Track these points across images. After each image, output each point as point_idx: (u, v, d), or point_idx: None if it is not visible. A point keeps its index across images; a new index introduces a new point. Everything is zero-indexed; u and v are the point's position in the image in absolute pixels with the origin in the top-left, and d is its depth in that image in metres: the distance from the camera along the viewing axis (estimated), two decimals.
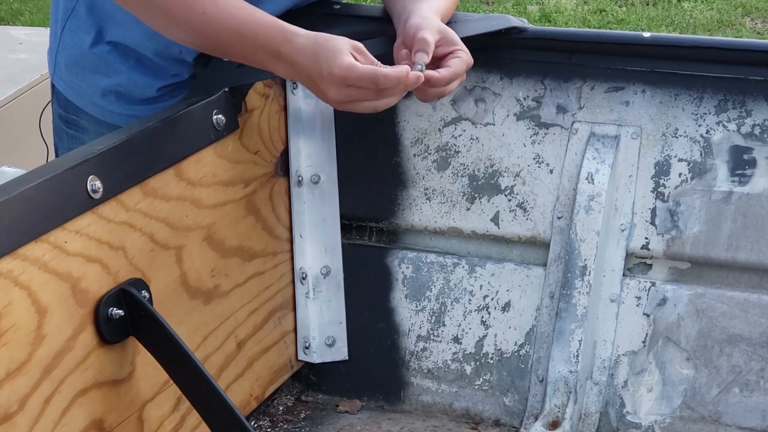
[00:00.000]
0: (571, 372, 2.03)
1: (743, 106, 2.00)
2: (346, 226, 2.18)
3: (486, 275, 2.13)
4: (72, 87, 2.08)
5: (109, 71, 2.04)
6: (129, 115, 2.04)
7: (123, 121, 2.03)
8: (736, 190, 2.01)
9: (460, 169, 2.13)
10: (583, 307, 2.03)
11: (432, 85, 1.84)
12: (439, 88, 1.85)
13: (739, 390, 2.01)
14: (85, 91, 2.07)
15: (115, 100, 2.05)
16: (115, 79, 2.04)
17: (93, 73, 2.05)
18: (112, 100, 2.05)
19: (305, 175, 2.09)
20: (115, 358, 1.66)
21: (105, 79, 2.04)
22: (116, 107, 2.06)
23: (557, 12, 6.77)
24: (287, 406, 2.18)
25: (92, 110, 2.08)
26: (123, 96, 2.05)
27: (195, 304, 1.86)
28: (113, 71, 2.03)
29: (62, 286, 1.56)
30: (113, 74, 2.04)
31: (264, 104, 2.02)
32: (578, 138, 2.07)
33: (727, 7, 6.78)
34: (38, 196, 1.52)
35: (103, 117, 2.07)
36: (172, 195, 1.79)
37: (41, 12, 6.79)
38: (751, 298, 2.01)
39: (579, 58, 2.07)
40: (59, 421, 1.56)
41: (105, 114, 2.07)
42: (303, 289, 2.12)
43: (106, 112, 2.06)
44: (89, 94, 2.07)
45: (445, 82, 1.84)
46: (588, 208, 2.04)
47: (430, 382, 2.17)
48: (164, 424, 1.78)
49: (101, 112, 2.07)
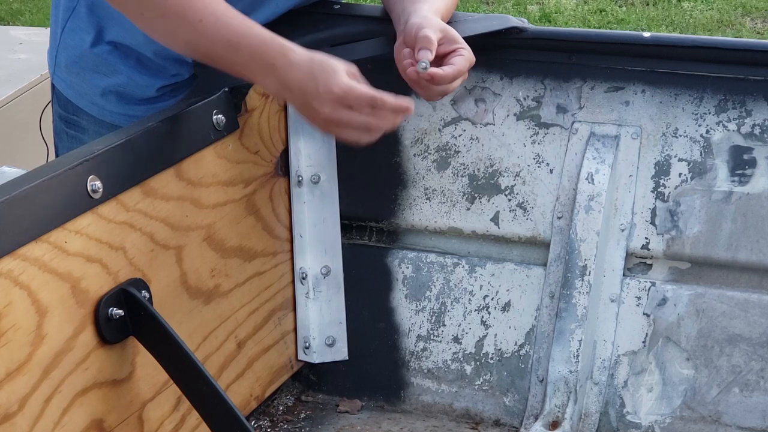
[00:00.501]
0: (571, 372, 2.03)
1: (743, 106, 2.00)
2: (346, 226, 2.18)
3: (486, 275, 2.13)
4: (72, 87, 2.08)
5: (109, 71, 2.04)
6: (129, 115, 2.04)
7: (123, 121, 2.03)
8: (736, 190, 2.01)
9: (460, 169, 2.13)
10: (583, 307, 2.03)
11: (436, 83, 1.84)
12: (443, 86, 1.86)
13: (739, 390, 2.01)
14: (85, 91, 2.07)
15: (115, 100, 2.05)
16: (116, 79, 2.03)
17: (93, 73, 2.05)
18: (112, 100, 2.05)
19: (305, 175, 2.09)
20: (115, 358, 1.66)
21: (105, 79, 2.04)
22: (116, 107, 2.06)
23: (557, 12, 6.77)
24: (287, 406, 2.18)
25: (92, 110, 2.08)
26: (123, 96, 2.04)
27: (195, 304, 1.86)
28: (113, 71, 2.03)
29: (62, 286, 1.56)
30: (113, 74, 2.03)
31: (264, 104, 2.02)
32: (578, 138, 2.07)
33: (727, 7, 6.78)
34: (38, 196, 1.52)
35: (103, 117, 2.07)
36: (172, 195, 1.79)
37: (41, 12, 6.79)
38: (751, 298, 2.01)
39: (579, 58, 2.07)
40: (59, 421, 1.56)
41: (105, 114, 2.07)
42: (303, 289, 2.12)
43: (106, 111, 2.06)
44: (89, 94, 2.07)
45: (450, 79, 1.85)
46: (588, 208, 2.04)
47: (430, 382, 2.17)
48: (164, 424, 1.78)
49: (101, 111, 2.07)
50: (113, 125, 2.04)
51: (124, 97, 2.04)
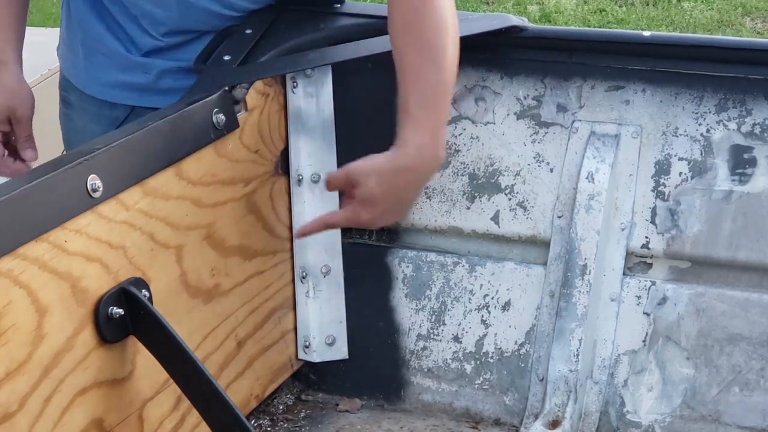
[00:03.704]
0: (571, 371, 2.03)
1: (743, 105, 2.00)
2: None
3: (486, 274, 2.13)
4: (64, 58, 2.13)
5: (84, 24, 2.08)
6: (111, 85, 2.05)
7: (103, 93, 2.05)
8: (737, 189, 2.01)
9: (460, 168, 2.13)
10: (584, 306, 2.03)
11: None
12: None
13: (739, 389, 2.01)
14: (74, 62, 2.11)
15: (97, 66, 2.07)
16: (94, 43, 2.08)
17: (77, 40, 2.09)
18: (94, 64, 2.08)
19: (305, 174, 2.09)
20: (115, 357, 1.66)
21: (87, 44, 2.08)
22: (100, 73, 2.07)
23: (557, 12, 6.77)
24: (287, 405, 2.18)
25: (77, 81, 2.10)
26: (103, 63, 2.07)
27: (195, 303, 1.86)
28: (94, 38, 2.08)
29: (62, 286, 1.56)
30: (95, 41, 2.08)
31: (264, 103, 2.02)
32: (578, 137, 2.07)
33: (727, 7, 6.78)
34: (38, 195, 1.51)
35: (86, 89, 2.09)
36: (172, 194, 1.78)
37: (41, 12, 6.79)
38: (751, 297, 2.01)
39: (579, 57, 2.07)
40: (59, 421, 1.56)
41: (88, 85, 2.09)
42: (303, 288, 2.12)
43: (91, 81, 2.08)
44: (76, 66, 2.10)
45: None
46: (588, 207, 2.04)
47: (430, 381, 2.16)
48: (164, 424, 1.78)
49: (86, 82, 2.09)
50: (95, 99, 2.05)
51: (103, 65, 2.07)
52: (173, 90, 2.00)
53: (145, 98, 2.05)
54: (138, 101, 2.06)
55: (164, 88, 2.04)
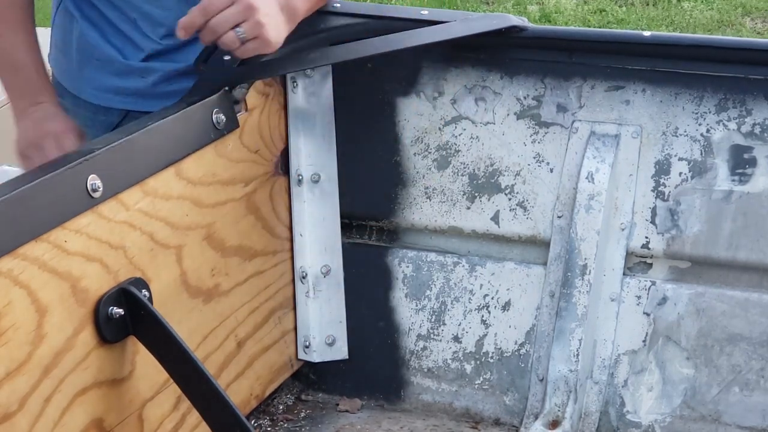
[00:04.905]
0: (571, 371, 2.03)
1: (743, 105, 2.00)
2: (346, 225, 2.18)
3: (486, 274, 2.13)
4: (57, 63, 2.13)
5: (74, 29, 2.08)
6: (107, 89, 2.06)
7: (96, 98, 2.06)
8: (737, 189, 2.01)
9: (460, 168, 2.13)
10: (584, 306, 2.03)
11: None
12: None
13: (739, 389, 2.01)
14: (66, 67, 2.11)
15: (90, 71, 2.08)
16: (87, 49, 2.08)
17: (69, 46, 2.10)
18: (87, 69, 2.08)
19: (305, 174, 2.09)
20: (115, 357, 1.66)
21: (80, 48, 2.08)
22: (93, 75, 2.08)
23: (557, 12, 6.77)
24: (287, 405, 2.18)
25: (71, 86, 2.10)
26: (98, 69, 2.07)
27: (195, 303, 1.86)
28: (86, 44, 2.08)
29: (62, 286, 1.56)
30: (87, 47, 2.08)
31: (264, 103, 2.02)
32: (578, 137, 2.07)
33: (727, 7, 6.78)
34: (38, 195, 1.51)
35: (80, 93, 2.09)
36: (172, 194, 1.78)
37: (40, 12, 6.78)
38: (751, 297, 2.01)
39: (579, 57, 2.07)
40: (59, 421, 1.56)
41: (82, 89, 2.09)
42: (303, 288, 2.12)
43: (83, 85, 2.09)
44: (69, 70, 2.10)
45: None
46: (588, 207, 2.04)
47: (430, 381, 2.16)
48: (164, 423, 1.78)
49: (79, 87, 2.10)
50: (89, 103, 2.07)
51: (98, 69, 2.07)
52: (168, 94, 2.00)
53: (140, 103, 2.06)
54: (133, 106, 2.07)
55: (160, 92, 2.04)
